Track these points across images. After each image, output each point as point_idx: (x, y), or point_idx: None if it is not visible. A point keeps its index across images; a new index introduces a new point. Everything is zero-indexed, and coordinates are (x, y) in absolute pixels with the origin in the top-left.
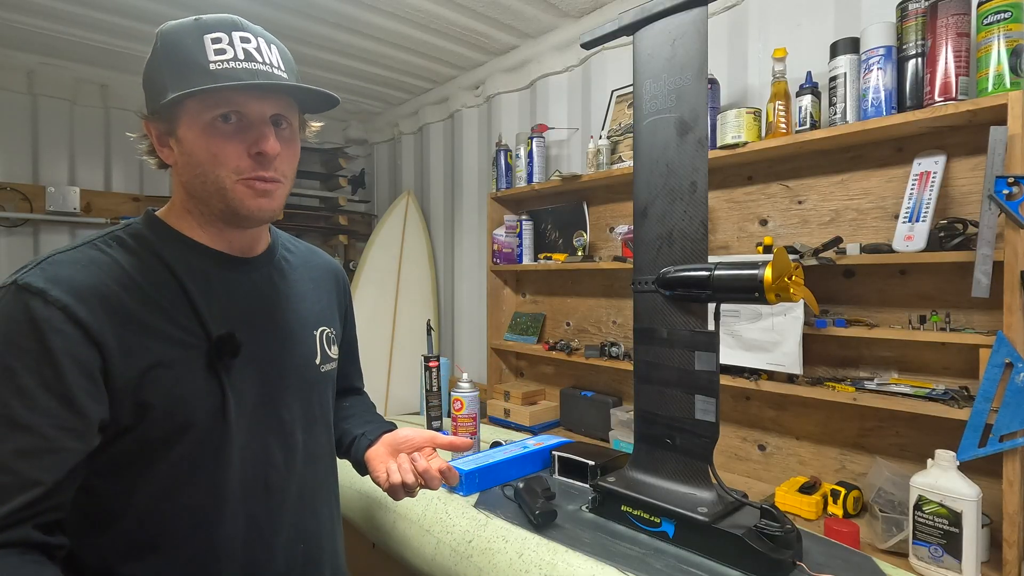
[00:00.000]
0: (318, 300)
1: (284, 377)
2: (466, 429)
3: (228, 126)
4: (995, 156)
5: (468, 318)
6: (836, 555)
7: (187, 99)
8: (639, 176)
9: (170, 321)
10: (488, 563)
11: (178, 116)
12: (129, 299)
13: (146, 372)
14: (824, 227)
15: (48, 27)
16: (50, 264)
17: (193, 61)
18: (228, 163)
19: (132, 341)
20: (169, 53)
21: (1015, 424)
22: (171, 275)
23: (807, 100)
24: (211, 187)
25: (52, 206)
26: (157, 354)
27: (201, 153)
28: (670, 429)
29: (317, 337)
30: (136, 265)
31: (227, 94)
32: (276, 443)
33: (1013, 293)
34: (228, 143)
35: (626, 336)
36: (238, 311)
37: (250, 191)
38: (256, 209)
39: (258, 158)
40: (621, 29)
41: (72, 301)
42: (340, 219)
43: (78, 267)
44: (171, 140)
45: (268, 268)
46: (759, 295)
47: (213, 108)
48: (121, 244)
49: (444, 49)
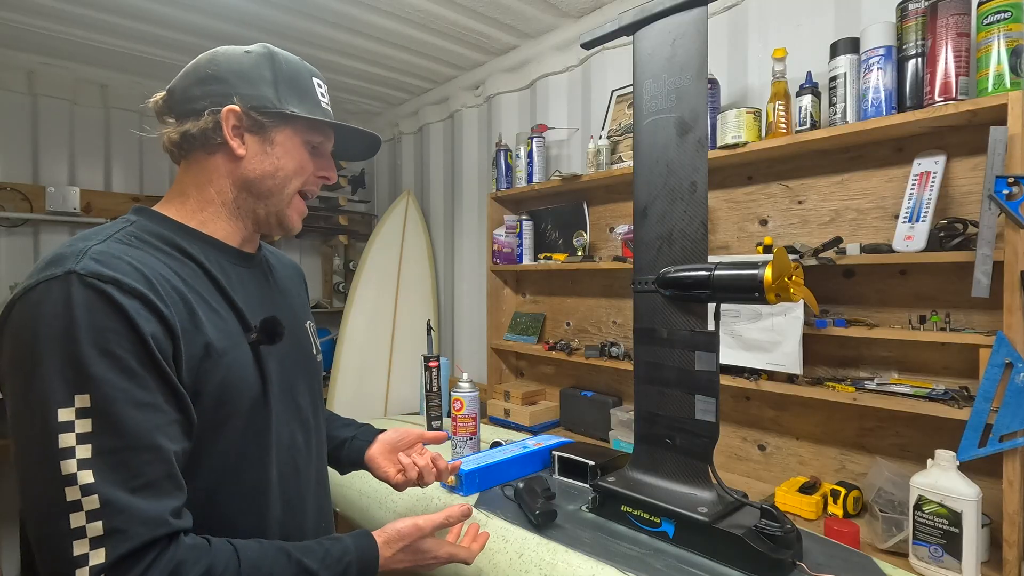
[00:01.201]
0: (298, 295)
1: (297, 365)
2: (466, 429)
3: (315, 150)
4: (995, 156)
5: (468, 318)
6: (836, 555)
7: (299, 119)
8: (639, 176)
9: (213, 311)
10: (488, 563)
11: (281, 125)
12: (186, 290)
13: (201, 361)
14: (824, 227)
15: (48, 27)
16: (101, 255)
17: (312, 96)
18: (304, 175)
19: (191, 330)
20: (289, 78)
21: (1015, 424)
22: (201, 269)
23: (807, 100)
24: (278, 191)
25: (52, 206)
26: (206, 343)
27: (292, 163)
28: (670, 429)
29: (309, 329)
30: (168, 261)
31: (322, 126)
32: (299, 428)
33: (1013, 293)
34: (311, 163)
35: (626, 336)
36: (257, 303)
37: (297, 208)
38: (295, 226)
39: (317, 180)
40: (621, 29)
41: (146, 290)
42: (340, 219)
43: (130, 260)
44: (255, 138)
45: (262, 266)
46: (759, 295)
47: (315, 133)
48: (142, 241)
49: (444, 49)
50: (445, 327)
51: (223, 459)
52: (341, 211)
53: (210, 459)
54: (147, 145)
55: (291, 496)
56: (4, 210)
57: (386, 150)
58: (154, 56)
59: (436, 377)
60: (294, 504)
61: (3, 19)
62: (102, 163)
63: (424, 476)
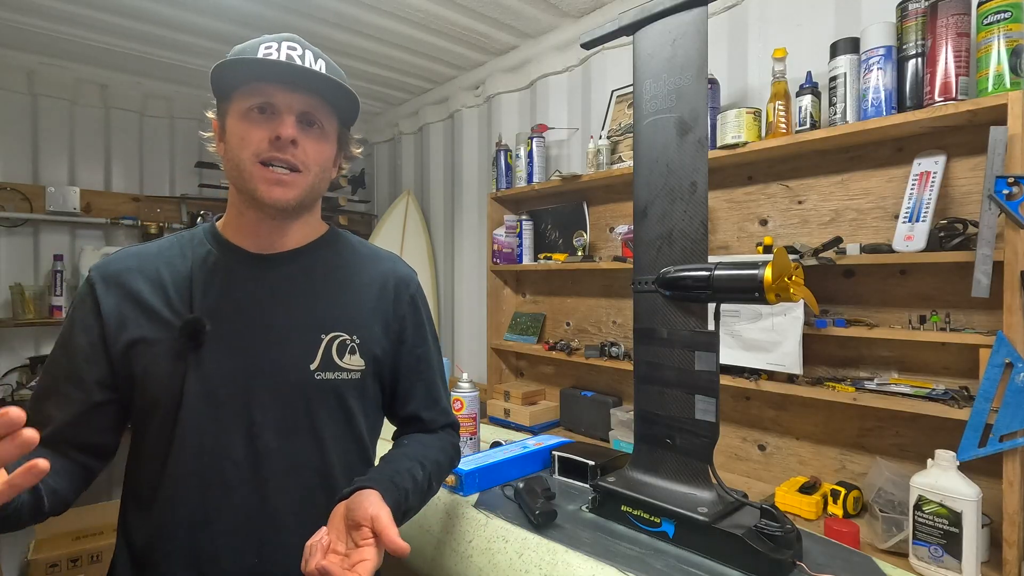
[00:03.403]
0: (343, 305)
1: (265, 375)
2: (466, 429)
3: (261, 116)
4: (995, 156)
5: (468, 318)
6: (836, 555)
7: (234, 92)
8: (639, 176)
9: (167, 305)
10: (488, 563)
11: (228, 111)
12: (144, 282)
13: (131, 346)
14: (824, 227)
15: (48, 27)
16: (115, 253)
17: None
18: (250, 146)
19: (128, 317)
20: (231, 58)
21: (1015, 424)
22: (188, 266)
23: (807, 100)
24: (237, 171)
25: (52, 206)
26: (143, 332)
27: (234, 138)
28: (670, 429)
29: (324, 342)
30: (171, 257)
31: (263, 86)
32: (240, 440)
33: (1013, 293)
34: (255, 128)
35: (626, 336)
36: (231, 303)
37: (264, 176)
38: (269, 196)
39: (275, 142)
40: (621, 29)
41: (98, 280)
42: (340, 219)
43: (124, 255)
44: (223, 134)
45: (290, 266)
46: (759, 295)
47: (250, 99)
48: (180, 239)
49: (444, 49)
50: (445, 327)
51: (152, 440)
52: (341, 211)
53: (145, 437)
54: (147, 145)
55: (207, 504)
56: (4, 210)
57: (386, 150)
58: (154, 56)
59: None
60: (210, 514)
61: (3, 19)
62: (102, 163)
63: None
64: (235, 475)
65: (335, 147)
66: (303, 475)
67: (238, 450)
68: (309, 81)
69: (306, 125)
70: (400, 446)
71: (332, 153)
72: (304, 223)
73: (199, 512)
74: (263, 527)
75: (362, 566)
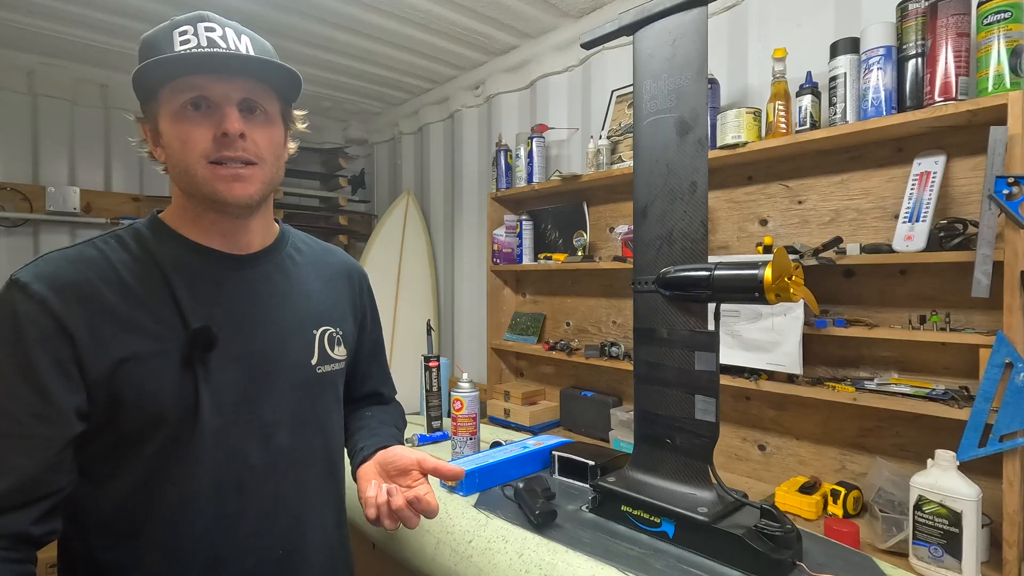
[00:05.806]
0: (324, 299)
1: (271, 376)
2: (466, 429)
3: (197, 113)
4: (995, 156)
5: (468, 318)
6: (836, 555)
7: (160, 91)
8: (639, 176)
9: (150, 316)
10: (488, 563)
11: (157, 112)
12: (110, 293)
13: (119, 365)
14: (824, 227)
15: (48, 27)
16: (43, 260)
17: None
18: (196, 148)
19: (106, 334)
20: (145, 55)
21: (1015, 424)
22: (159, 271)
23: (807, 100)
24: (186, 176)
25: (52, 206)
26: (132, 348)
27: (174, 142)
28: (670, 429)
29: (317, 337)
30: (126, 262)
31: (191, 80)
32: (255, 444)
33: (1013, 293)
34: (196, 128)
35: (626, 336)
36: (224, 308)
37: (219, 176)
38: (230, 194)
39: (222, 139)
40: (621, 29)
41: (50, 295)
42: (340, 219)
43: (65, 263)
44: (157, 138)
45: (267, 265)
46: (759, 295)
47: (180, 95)
48: (119, 242)
49: (444, 49)
50: (445, 327)
51: (148, 464)
52: (341, 211)
53: (130, 464)
54: None
55: (228, 513)
56: (4, 210)
57: (386, 150)
58: None
59: (436, 377)
60: (231, 521)
61: (3, 19)
62: (102, 163)
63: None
64: (252, 480)
65: (283, 128)
66: (315, 467)
67: (254, 454)
68: (242, 65)
69: (248, 113)
70: (373, 416)
71: (282, 136)
72: (263, 217)
73: (221, 525)
74: (284, 524)
75: (429, 496)
